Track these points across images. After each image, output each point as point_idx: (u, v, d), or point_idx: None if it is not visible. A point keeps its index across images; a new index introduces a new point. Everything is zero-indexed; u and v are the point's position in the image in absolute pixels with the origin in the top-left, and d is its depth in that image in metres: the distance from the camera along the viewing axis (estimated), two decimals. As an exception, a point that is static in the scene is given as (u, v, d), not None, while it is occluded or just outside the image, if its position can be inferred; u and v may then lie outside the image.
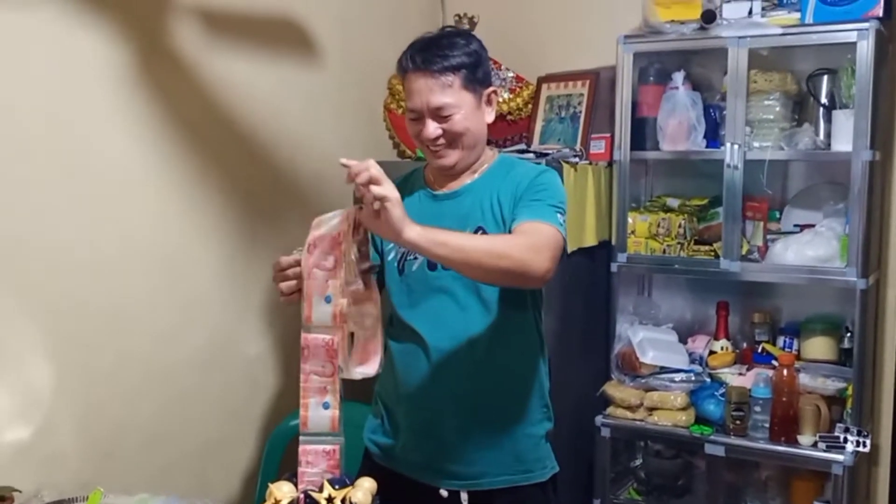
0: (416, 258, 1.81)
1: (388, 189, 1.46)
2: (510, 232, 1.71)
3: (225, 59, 2.46)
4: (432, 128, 1.75)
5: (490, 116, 1.84)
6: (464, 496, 1.82)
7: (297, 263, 1.59)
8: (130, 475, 2.21)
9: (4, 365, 1.94)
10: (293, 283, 1.62)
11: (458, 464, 1.82)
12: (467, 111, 1.76)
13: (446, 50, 1.74)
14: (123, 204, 2.20)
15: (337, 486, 1.51)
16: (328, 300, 1.51)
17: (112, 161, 2.16)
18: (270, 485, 1.52)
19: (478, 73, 1.78)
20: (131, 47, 2.17)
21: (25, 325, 1.98)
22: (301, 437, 1.55)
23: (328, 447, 1.54)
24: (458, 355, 1.79)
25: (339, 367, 1.52)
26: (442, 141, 1.77)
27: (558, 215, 1.72)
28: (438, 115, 1.74)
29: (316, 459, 1.53)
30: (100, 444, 2.16)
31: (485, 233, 1.77)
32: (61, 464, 2.04)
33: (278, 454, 2.57)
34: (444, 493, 1.83)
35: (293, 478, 1.56)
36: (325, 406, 1.53)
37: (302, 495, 1.50)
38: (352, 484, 1.54)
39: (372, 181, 1.45)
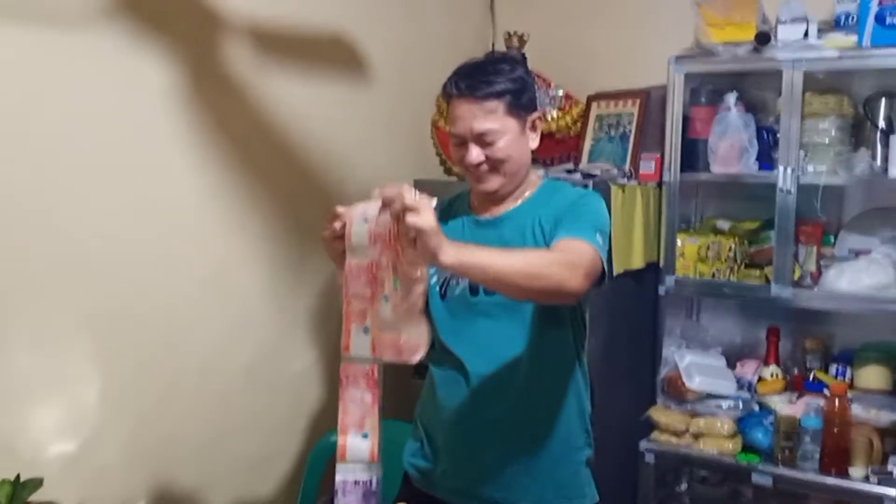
0: (458, 283, 1.81)
1: (423, 218, 1.38)
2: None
3: (277, 80, 2.49)
4: (475, 153, 1.74)
5: (534, 142, 1.83)
6: None
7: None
8: (177, 490, 2.25)
9: (59, 381, 1.99)
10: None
11: (498, 489, 1.80)
12: (511, 137, 1.75)
13: (491, 76, 1.73)
14: (175, 225, 2.24)
15: (373, 516, 1.50)
16: (366, 331, 1.49)
17: (166, 184, 2.21)
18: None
19: (522, 99, 1.76)
20: (185, 70, 2.21)
21: (81, 343, 2.03)
22: (338, 466, 1.51)
23: (363, 477, 1.49)
24: (499, 381, 1.78)
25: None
26: (485, 167, 1.76)
27: (597, 235, 1.69)
28: (482, 140, 1.73)
29: (352, 489, 1.49)
30: (148, 460, 2.20)
31: None
32: (108, 478, 2.08)
33: (320, 468, 2.58)
34: (481, 519, 1.82)
35: (330, 502, 1.56)
36: (364, 436, 1.49)
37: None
38: (389, 509, 1.54)
39: (406, 210, 1.38)
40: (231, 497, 2.44)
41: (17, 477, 1.72)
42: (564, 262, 1.58)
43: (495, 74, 1.73)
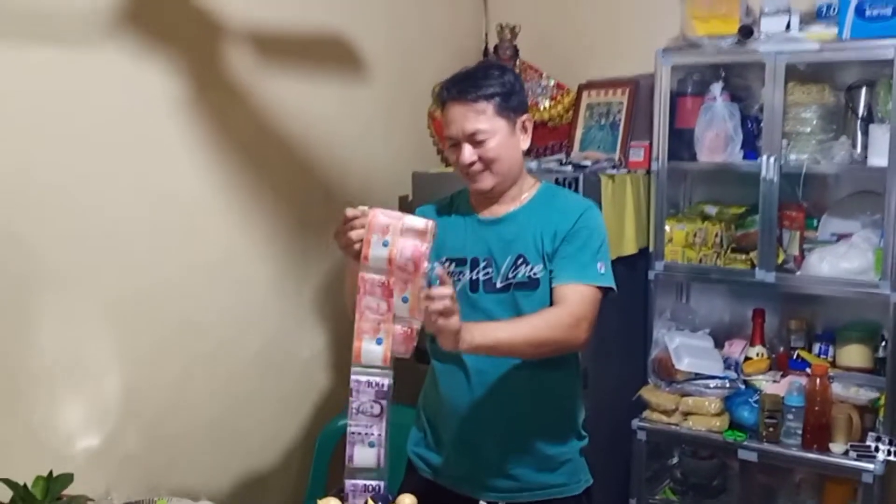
0: (458, 279, 1.91)
1: (454, 322, 1.57)
2: (551, 289, 1.84)
3: (278, 80, 2.59)
4: (468, 153, 1.84)
5: (525, 143, 1.93)
6: None
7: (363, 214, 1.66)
8: (195, 477, 2.39)
9: (82, 378, 2.12)
10: (360, 231, 1.64)
11: (498, 478, 1.93)
12: (501, 137, 1.85)
13: (481, 80, 1.85)
14: (186, 223, 2.36)
15: None
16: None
17: (177, 184, 2.32)
18: (319, 501, 1.64)
19: (511, 102, 1.87)
20: (190, 76, 2.31)
21: (99, 339, 2.15)
22: (352, 369, 1.61)
23: (376, 379, 1.60)
24: (497, 376, 1.89)
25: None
26: (478, 166, 1.86)
27: (599, 265, 1.83)
28: (473, 140, 1.84)
29: (366, 390, 1.59)
30: (165, 448, 2.33)
31: (525, 261, 1.87)
32: (131, 468, 2.21)
33: (329, 450, 2.70)
34: (483, 505, 1.94)
35: (341, 493, 1.67)
36: (378, 342, 1.59)
37: (347, 512, 1.61)
38: (393, 500, 1.66)
39: (444, 314, 1.55)
40: (245, 479, 2.58)
41: (50, 473, 1.84)
42: (568, 321, 1.76)
43: (485, 79, 1.85)
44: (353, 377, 1.60)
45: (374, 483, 1.59)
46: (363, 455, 1.59)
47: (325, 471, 2.69)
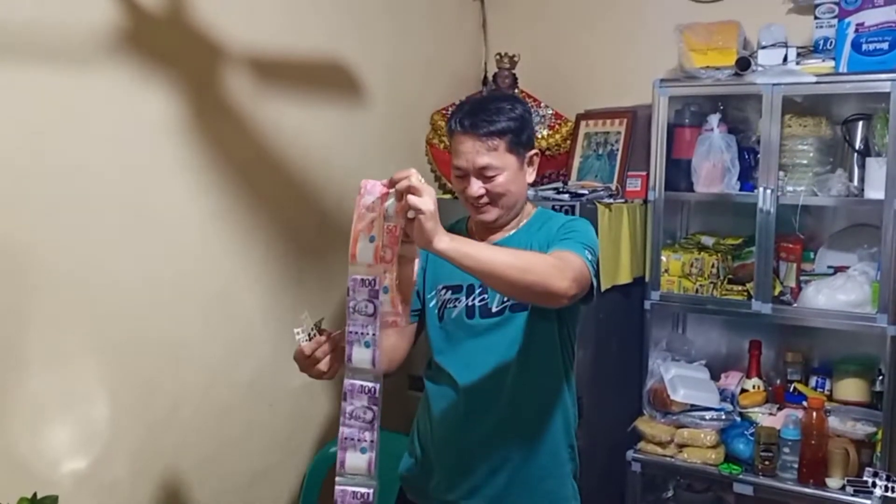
0: (455, 306, 1.92)
1: (424, 201, 1.44)
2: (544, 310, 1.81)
3: (276, 106, 2.59)
4: (476, 187, 1.85)
5: (531, 177, 1.94)
6: None
7: (317, 346, 1.71)
8: (181, 502, 2.34)
9: (71, 401, 2.09)
10: (326, 359, 1.71)
11: (489, 502, 1.91)
12: (510, 173, 1.85)
13: (493, 115, 1.83)
14: (180, 248, 2.34)
15: (369, 532, 1.59)
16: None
17: (171, 210, 2.31)
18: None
19: (522, 137, 1.87)
20: (188, 101, 2.31)
21: (92, 364, 2.13)
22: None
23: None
24: (488, 396, 1.88)
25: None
26: (485, 199, 1.86)
27: (586, 252, 1.79)
28: (483, 175, 1.84)
29: (360, 288, 1.54)
30: (154, 474, 2.30)
31: None
32: (118, 492, 2.18)
33: (319, 480, 2.68)
34: (474, 529, 1.92)
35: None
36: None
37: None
38: (384, 527, 1.63)
39: (410, 191, 1.44)
40: (234, 508, 2.55)
41: (35, 495, 1.82)
42: (554, 263, 1.67)
43: (497, 114, 1.83)
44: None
45: (370, 384, 1.56)
46: (360, 355, 1.56)
47: (315, 499, 2.66)
